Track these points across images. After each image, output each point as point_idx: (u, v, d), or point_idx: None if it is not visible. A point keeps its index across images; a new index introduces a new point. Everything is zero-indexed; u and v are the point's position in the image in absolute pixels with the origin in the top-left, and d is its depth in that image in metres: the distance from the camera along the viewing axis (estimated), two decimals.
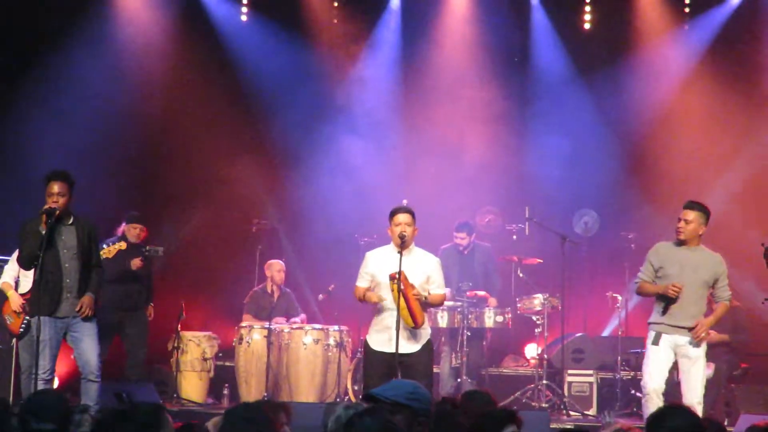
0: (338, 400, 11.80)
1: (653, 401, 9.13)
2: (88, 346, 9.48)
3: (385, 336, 9.31)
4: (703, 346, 9.49)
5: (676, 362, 9.46)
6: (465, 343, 12.35)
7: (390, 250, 9.40)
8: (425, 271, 9.41)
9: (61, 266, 9.36)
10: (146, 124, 14.13)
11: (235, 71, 14.58)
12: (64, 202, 9.28)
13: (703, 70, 14.30)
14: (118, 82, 13.82)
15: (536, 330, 12.74)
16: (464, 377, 12.31)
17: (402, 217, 9.31)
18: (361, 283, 9.52)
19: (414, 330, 9.24)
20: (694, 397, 9.26)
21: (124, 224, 11.88)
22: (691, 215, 9.38)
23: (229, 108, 14.27)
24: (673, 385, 9.57)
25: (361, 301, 9.55)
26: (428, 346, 9.43)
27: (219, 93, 14.27)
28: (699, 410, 9.27)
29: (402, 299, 9.08)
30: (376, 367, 9.18)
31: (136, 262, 11.55)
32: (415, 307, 9.15)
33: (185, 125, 14.08)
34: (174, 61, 14.26)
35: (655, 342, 9.44)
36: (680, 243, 9.41)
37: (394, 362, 9.17)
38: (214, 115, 14.12)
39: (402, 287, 9.05)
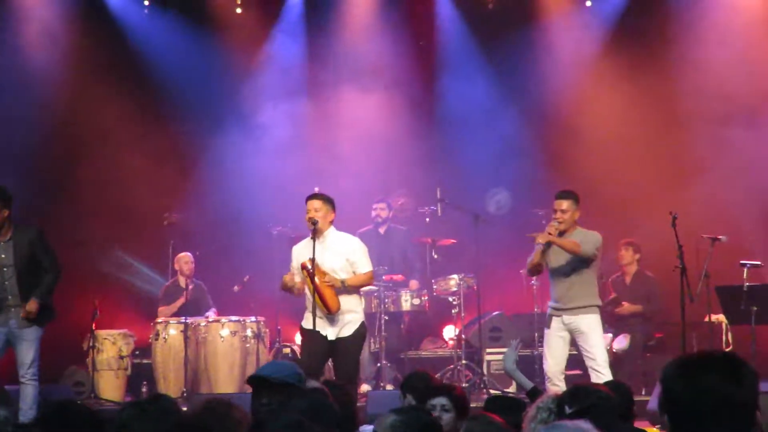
0: None
1: (553, 384, 9.33)
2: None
3: (311, 318, 9.36)
4: (591, 318, 9.60)
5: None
6: (383, 327, 12.36)
7: (309, 239, 9.40)
8: (342, 253, 9.45)
9: (2, 284, 9.49)
10: (51, 124, 13.81)
11: (140, 66, 14.35)
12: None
13: (610, 47, 14.36)
14: (18, 81, 13.51)
15: (453, 311, 12.80)
16: (383, 362, 12.32)
17: (312, 204, 9.35)
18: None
19: (339, 315, 9.27)
20: (597, 363, 9.40)
21: None
22: (565, 204, 9.63)
23: (134, 104, 14.03)
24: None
25: (284, 290, 9.63)
26: (360, 331, 9.53)
27: (123, 88, 14.01)
28: (607, 373, 9.38)
29: (313, 287, 9.15)
30: (312, 345, 9.32)
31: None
32: (326, 294, 9.20)
33: (89, 122, 13.82)
34: (76, 57, 13.98)
35: (548, 325, 9.69)
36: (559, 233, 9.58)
37: (326, 344, 9.36)
38: (119, 111, 13.87)
39: (312, 275, 9.11)
